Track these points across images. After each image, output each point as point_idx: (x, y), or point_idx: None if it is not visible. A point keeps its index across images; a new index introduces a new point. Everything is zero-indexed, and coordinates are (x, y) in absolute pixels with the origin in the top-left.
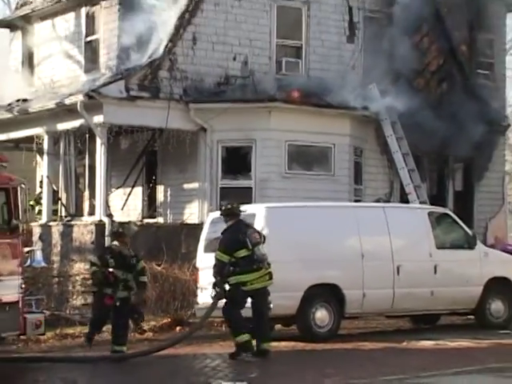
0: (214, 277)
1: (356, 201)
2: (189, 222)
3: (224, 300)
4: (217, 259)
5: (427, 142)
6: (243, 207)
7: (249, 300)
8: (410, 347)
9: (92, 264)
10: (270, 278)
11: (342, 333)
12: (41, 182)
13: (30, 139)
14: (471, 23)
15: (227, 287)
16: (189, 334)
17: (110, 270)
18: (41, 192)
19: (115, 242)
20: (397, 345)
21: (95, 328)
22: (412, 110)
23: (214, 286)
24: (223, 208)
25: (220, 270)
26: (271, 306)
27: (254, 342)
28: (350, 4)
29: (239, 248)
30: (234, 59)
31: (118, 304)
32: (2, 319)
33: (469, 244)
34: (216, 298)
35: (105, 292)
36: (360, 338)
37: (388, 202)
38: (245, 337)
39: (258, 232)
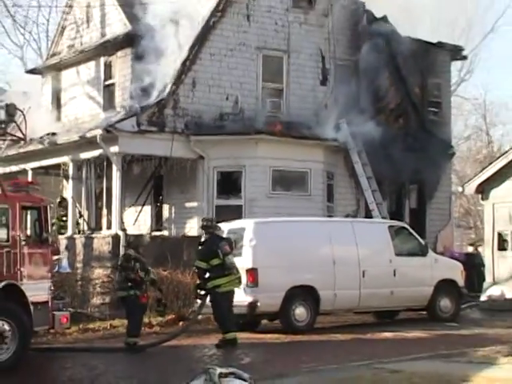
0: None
1: (329, 216)
2: (189, 234)
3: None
4: (196, 266)
5: (387, 168)
6: (223, 223)
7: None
8: (374, 338)
9: (124, 268)
10: (239, 282)
11: (317, 326)
12: (59, 202)
13: (57, 166)
14: (422, 70)
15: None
16: (186, 328)
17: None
18: (62, 211)
19: (131, 251)
20: (363, 336)
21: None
22: (375, 141)
23: (197, 287)
24: (203, 224)
25: (200, 275)
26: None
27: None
28: (322, 54)
29: (213, 257)
30: (227, 99)
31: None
32: (35, 316)
33: (422, 252)
34: (202, 296)
35: (134, 293)
36: (332, 331)
37: (355, 217)
38: (232, 335)
39: (230, 244)
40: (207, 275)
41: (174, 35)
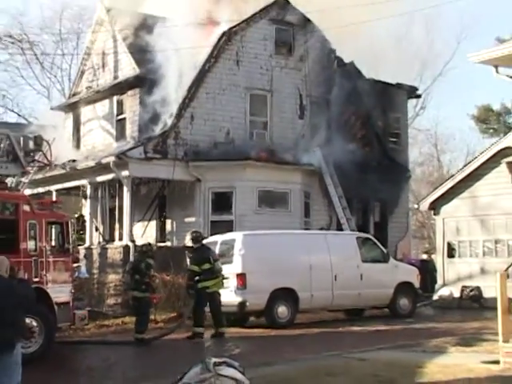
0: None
1: (306, 229)
2: (189, 245)
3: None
4: (189, 270)
5: (355, 188)
6: (217, 235)
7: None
8: (345, 331)
9: (138, 272)
10: (223, 284)
11: (297, 322)
12: (77, 218)
13: (77, 188)
14: (384, 106)
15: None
16: (180, 324)
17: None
18: (81, 225)
19: (150, 260)
20: (335, 330)
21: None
22: (344, 165)
23: (188, 288)
24: (193, 235)
25: (191, 277)
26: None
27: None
28: (300, 92)
29: (204, 262)
30: (220, 131)
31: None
32: (58, 314)
33: (384, 259)
34: (192, 295)
35: (148, 294)
36: (309, 326)
37: (328, 230)
38: (202, 329)
39: (215, 253)
40: (197, 278)
41: (175, 77)
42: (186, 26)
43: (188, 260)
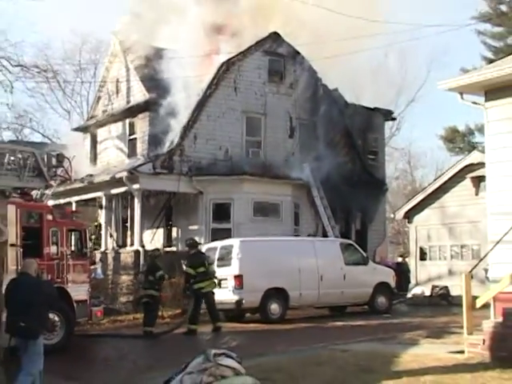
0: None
1: (295, 236)
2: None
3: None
4: (186, 272)
5: (339, 200)
6: (217, 241)
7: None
8: (329, 326)
9: (152, 273)
10: (215, 285)
11: (287, 318)
12: (95, 226)
13: (94, 199)
14: (364, 128)
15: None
16: (184, 320)
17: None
18: (97, 232)
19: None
20: (321, 325)
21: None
22: (329, 179)
23: (185, 289)
24: (188, 242)
25: (188, 279)
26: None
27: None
28: (290, 115)
29: (199, 266)
30: (220, 149)
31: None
32: (77, 310)
33: (364, 262)
34: (189, 295)
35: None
36: (298, 321)
37: (315, 236)
38: (195, 327)
39: (209, 258)
40: (192, 280)
41: (180, 102)
42: (191, 56)
43: (183, 264)
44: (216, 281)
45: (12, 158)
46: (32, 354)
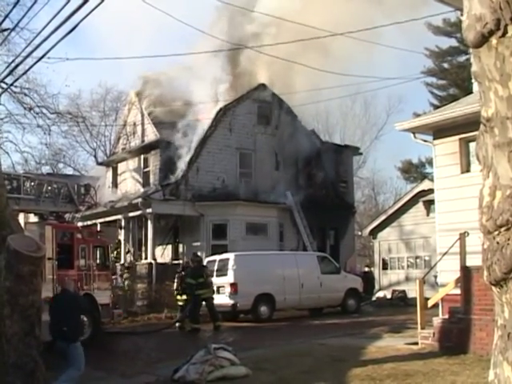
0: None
1: (280, 250)
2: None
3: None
4: (188, 282)
5: (316, 220)
6: (216, 255)
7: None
8: (308, 325)
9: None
10: (214, 292)
11: (274, 318)
12: (116, 243)
13: (115, 221)
14: (336, 161)
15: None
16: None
17: None
18: (117, 248)
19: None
20: (301, 323)
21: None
22: (308, 204)
23: (188, 295)
24: (192, 257)
25: (190, 287)
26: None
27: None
28: (276, 152)
29: (199, 277)
30: (218, 179)
31: None
32: (101, 312)
33: (337, 271)
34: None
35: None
36: (283, 321)
37: (296, 250)
38: (198, 326)
39: (208, 270)
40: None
41: (185, 141)
42: (197, 103)
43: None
44: (214, 289)
45: (49, 188)
46: (76, 354)
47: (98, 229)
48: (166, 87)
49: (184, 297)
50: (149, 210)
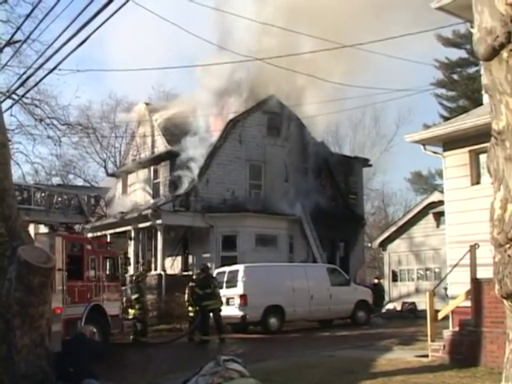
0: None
1: (290, 262)
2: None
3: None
4: (196, 292)
5: (326, 232)
6: (225, 267)
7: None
8: (318, 336)
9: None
10: (221, 303)
11: (284, 330)
12: (124, 253)
13: (124, 232)
14: (346, 173)
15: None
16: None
17: None
18: (127, 259)
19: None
20: (311, 335)
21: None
22: (318, 215)
23: (196, 305)
24: (201, 267)
25: (198, 298)
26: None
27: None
28: (285, 163)
29: (207, 287)
30: (227, 191)
31: None
32: (111, 323)
33: (347, 283)
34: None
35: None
36: (293, 332)
37: (306, 262)
38: (207, 337)
39: (216, 281)
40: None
41: (195, 152)
42: (205, 115)
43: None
44: (222, 300)
45: (59, 199)
46: None
47: (108, 240)
48: (176, 106)
49: (196, 308)
50: (159, 221)
